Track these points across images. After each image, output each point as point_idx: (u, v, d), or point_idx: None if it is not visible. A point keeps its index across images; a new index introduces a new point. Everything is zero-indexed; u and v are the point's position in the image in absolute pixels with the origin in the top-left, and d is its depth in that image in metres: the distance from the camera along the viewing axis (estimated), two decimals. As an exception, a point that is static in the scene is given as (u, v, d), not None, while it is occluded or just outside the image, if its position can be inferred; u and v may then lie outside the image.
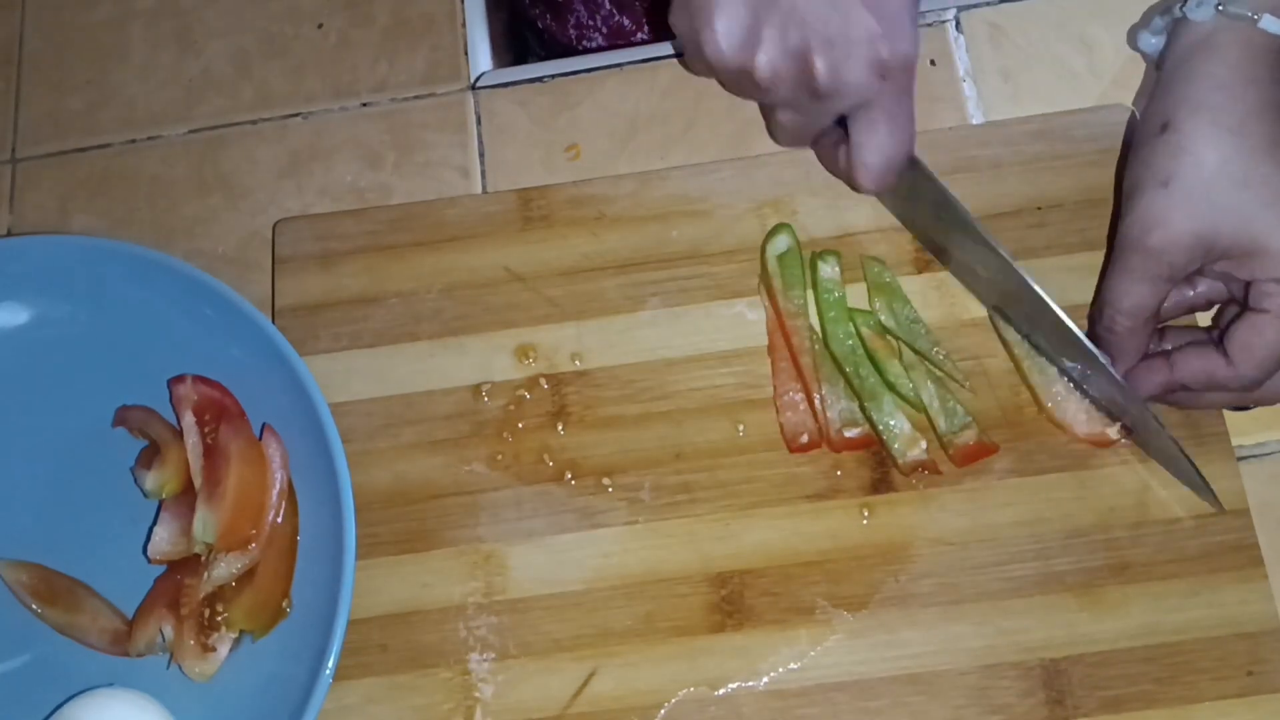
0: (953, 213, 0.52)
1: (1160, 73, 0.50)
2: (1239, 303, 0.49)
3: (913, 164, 0.53)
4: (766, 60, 0.49)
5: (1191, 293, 0.51)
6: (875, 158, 0.51)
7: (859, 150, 0.51)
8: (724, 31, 0.49)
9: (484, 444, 0.55)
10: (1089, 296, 0.55)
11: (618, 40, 0.71)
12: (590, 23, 0.72)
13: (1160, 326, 0.52)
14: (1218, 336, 0.49)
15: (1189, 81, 0.47)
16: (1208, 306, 0.52)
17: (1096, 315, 0.51)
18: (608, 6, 0.72)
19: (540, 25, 0.74)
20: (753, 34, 0.49)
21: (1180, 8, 0.48)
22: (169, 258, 0.56)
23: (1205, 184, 0.46)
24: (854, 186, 0.53)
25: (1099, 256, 0.55)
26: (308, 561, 0.53)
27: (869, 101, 0.50)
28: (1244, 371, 0.48)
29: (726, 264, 0.57)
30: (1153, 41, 0.52)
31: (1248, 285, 0.48)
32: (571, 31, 0.72)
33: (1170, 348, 0.51)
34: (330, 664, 0.49)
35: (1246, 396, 0.50)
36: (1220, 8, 0.46)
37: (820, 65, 0.48)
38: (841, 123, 0.53)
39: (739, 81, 0.51)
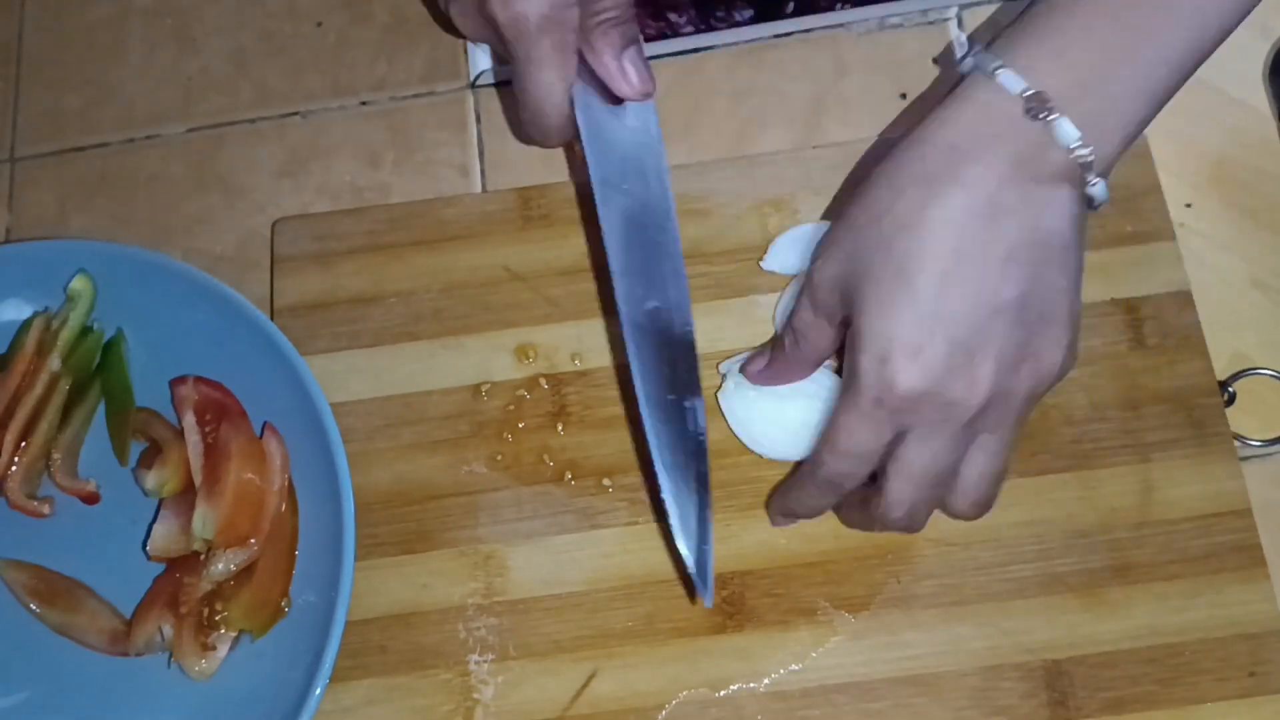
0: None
1: None
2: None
3: None
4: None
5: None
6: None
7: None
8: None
9: (484, 444, 0.55)
10: (1090, 296, 0.54)
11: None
12: None
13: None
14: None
15: (924, 124, 0.44)
16: None
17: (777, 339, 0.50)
18: None
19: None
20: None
21: (958, 61, 0.46)
22: (169, 258, 0.56)
23: (858, 230, 0.43)
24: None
25: (1101, 256, 0.55)
26: (307, 561, 0.53)
27: None
28: (824, 469, 0.45)
29: (727, 263, 0.57)
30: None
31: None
32: None
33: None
34: (329, 665, 0.49)
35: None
36: (974, 57, 0.43)
37: None
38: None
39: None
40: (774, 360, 0.51)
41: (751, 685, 0.51)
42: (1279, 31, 0.60)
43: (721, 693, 0.51)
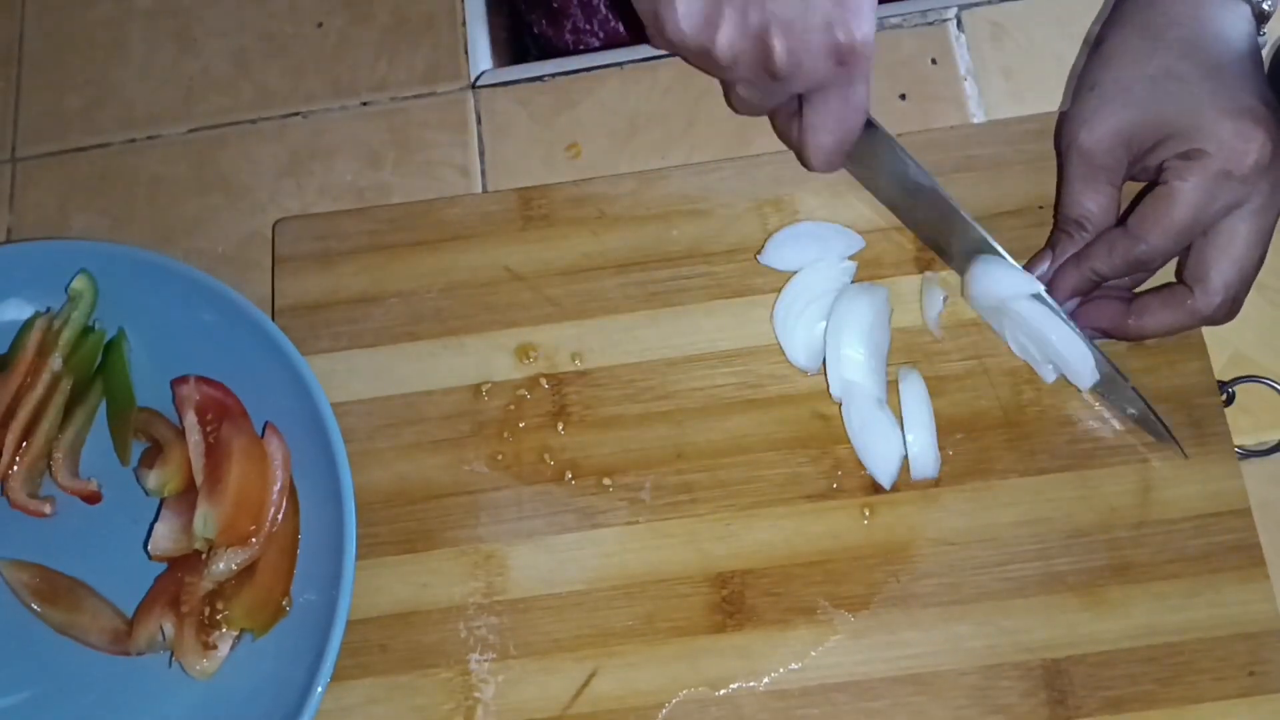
0: (910, 172, 0.53)
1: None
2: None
3: (869, 126, 0.54)
4: (726, 41, 0.50)
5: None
6: (825, 139, 0.53)
7: (811, 131, 0.53)
8: (684, 12, 0.50)
9: (484, 444, 0.55)
10: (1090, 296, 0.55)
11: (614, 46, 0.70)
12: (587, 27, 0.72)
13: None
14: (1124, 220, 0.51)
15: (1125, 3, 0.52)
16: None
17: (1055, 230, 0.53)
18: (604, 11, 0.72)
19: (536, 30, 0.73)
20: (713, 14, 0.50)
21: None
22: (170, 259, 0.56)
23: (1124, 86, 0.50)
24: (803, 162, 0.55)
25: (1100, 256, 0.55)
26: (308, 561, 0.53)
27: (824, 85, 0.51)
28: (1152, 242, 0.49)
29: (727, 263, 0.57)
30: None
31: (1159, 170, 0.50)
32: (568, 37, 0.72)
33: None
34: (330, 664, 0.49)
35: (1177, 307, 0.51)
36: None
37: (778, 48, 0.49)
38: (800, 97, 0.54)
39: (699, 59, 0.52)
40: (1064, 248, 0.52)
41: (751, 684, 0.51)
42: (1278, 32, 0.60)
43: (721, 691, 0.51)
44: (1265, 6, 0.51)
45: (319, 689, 0.49)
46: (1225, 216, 0.49)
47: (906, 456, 0.53)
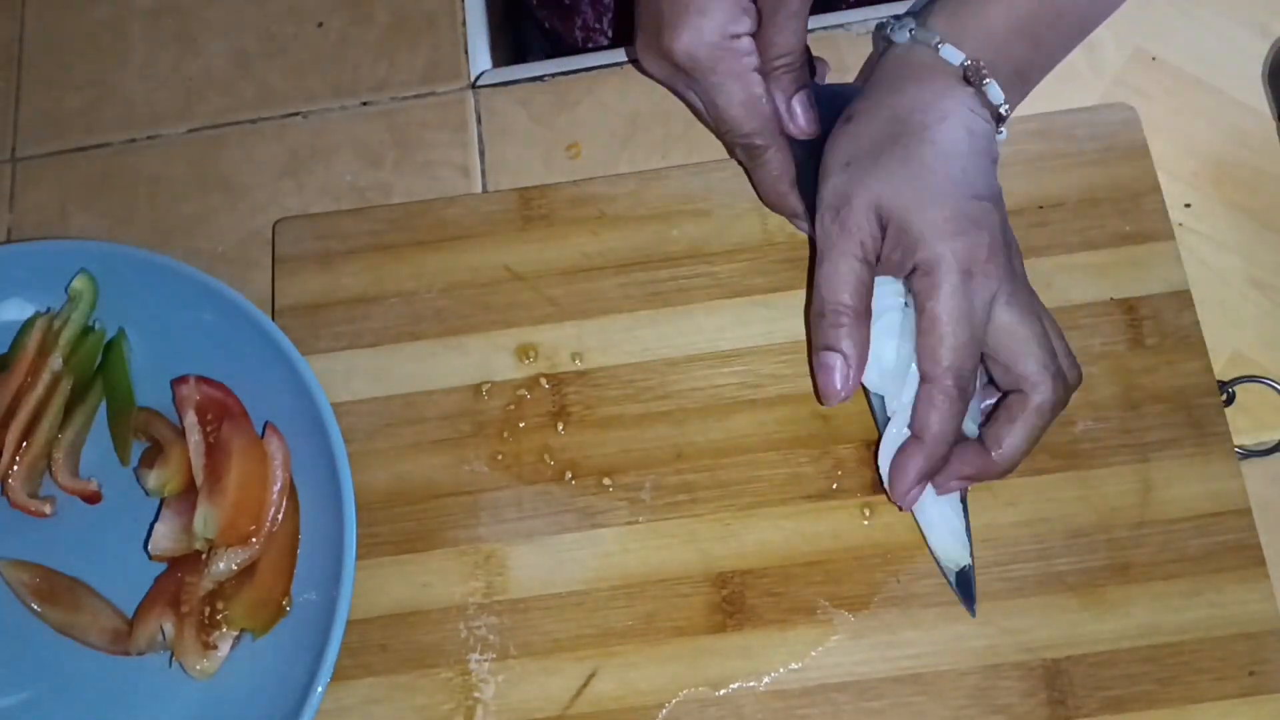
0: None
1: (868, 77, 0.55)
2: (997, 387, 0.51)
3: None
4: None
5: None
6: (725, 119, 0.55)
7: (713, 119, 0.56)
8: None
9: (484, 444, 0.55)
10: (1089, 296, 0.55)
11: (623, 42, 0.70)
12: (597, 25, 0.72)
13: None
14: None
15: (877, 83, 0.53)
16: None
17: (813, 309, 0.51)
18: (614, 8, 0.72)
19: (547, 26, 0.73)
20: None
21: (888, 30, 0.54)
22: (170, 259, 0.56)
23: (875, 164, 0.50)
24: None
25: (1100, 255, 0.55)
26: (308, 561, 0.53)
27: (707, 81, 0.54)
28: (945, 364, 0.48)
29: (727, 263, 0.57)
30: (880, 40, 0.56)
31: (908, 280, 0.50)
32: (578, 33, 0.72)
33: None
34: (330, 663, 0.49)
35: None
36: (912, 32, 0.53)
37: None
38: None
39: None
40: (838, 341, 0.50)
41: (751, 684, 0.51)
42: (1279, 32, 0.60)
43: (721, 691, 0.51)
44: (1002, 110, 0.52)
45: (319, 689, 0.49)
46: (993, 313, 0.49)
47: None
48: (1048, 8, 0.53)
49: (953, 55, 0.52)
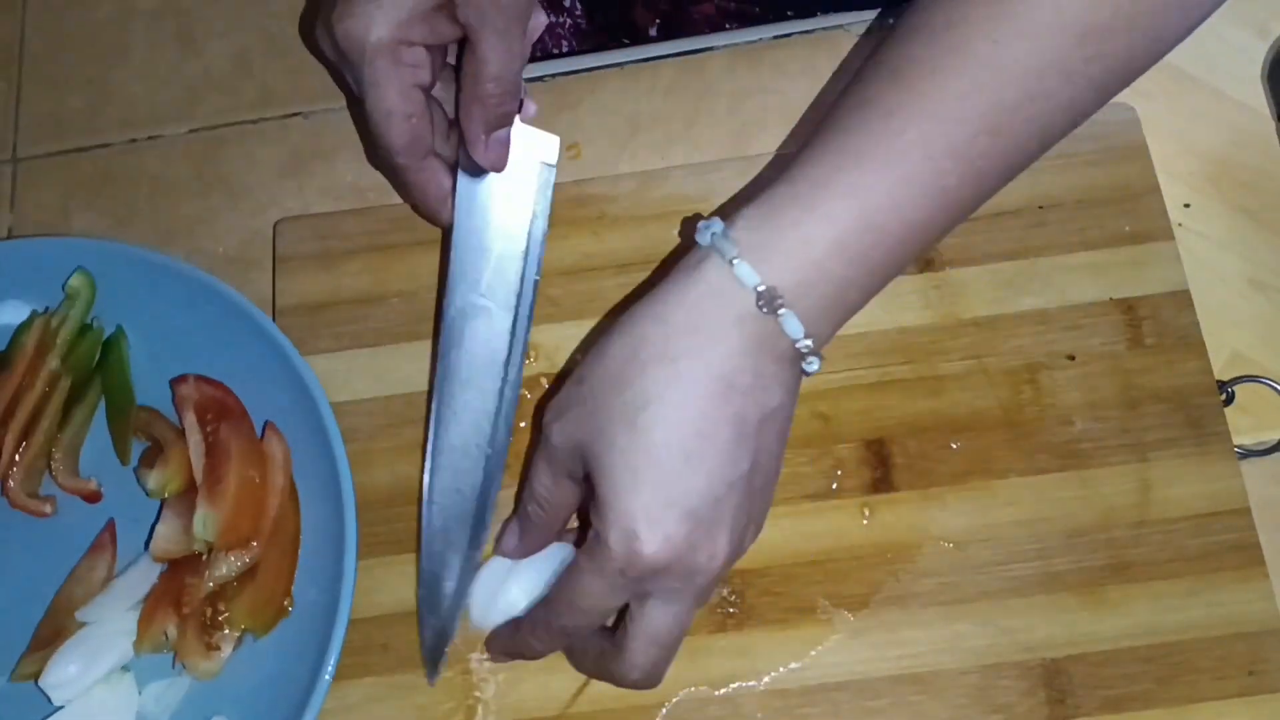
0: None
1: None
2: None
3: None
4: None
5: None
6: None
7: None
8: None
9: (485, 443, 0.55)
10: (1088, 296, 0.55)
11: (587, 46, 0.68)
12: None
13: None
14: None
15: (660, 290, 0.45)
16: None
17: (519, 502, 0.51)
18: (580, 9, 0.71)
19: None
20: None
21: (700, 223, 0.45)
22: (170, 258, 0.56)
23: (597, 400, 0.44)
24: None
25: (1100, 255, 0.55)
26: (309, 560, 0.53)
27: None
28: (559, 621, 0.47)
29: (727, 263, 0.57)
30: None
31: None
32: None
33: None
34: (332, 663, 0.49)
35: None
36: (714, 236, 0.44)
37: None
38: None
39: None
40: (524, 531, 0.50)
41: (751, 683, 0.51)
42: (1278, 32, 0.60)
43: (721, 690, 0.51)
44: (800, 347, 0.44)
45: (321, 688, 0.49)
46: (637, 602, 0.45)
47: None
48: (871, 226, 0.43)
49: (748, 276, 0.43)
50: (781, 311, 0.43)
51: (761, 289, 0.43)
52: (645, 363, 0.44)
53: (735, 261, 0.43)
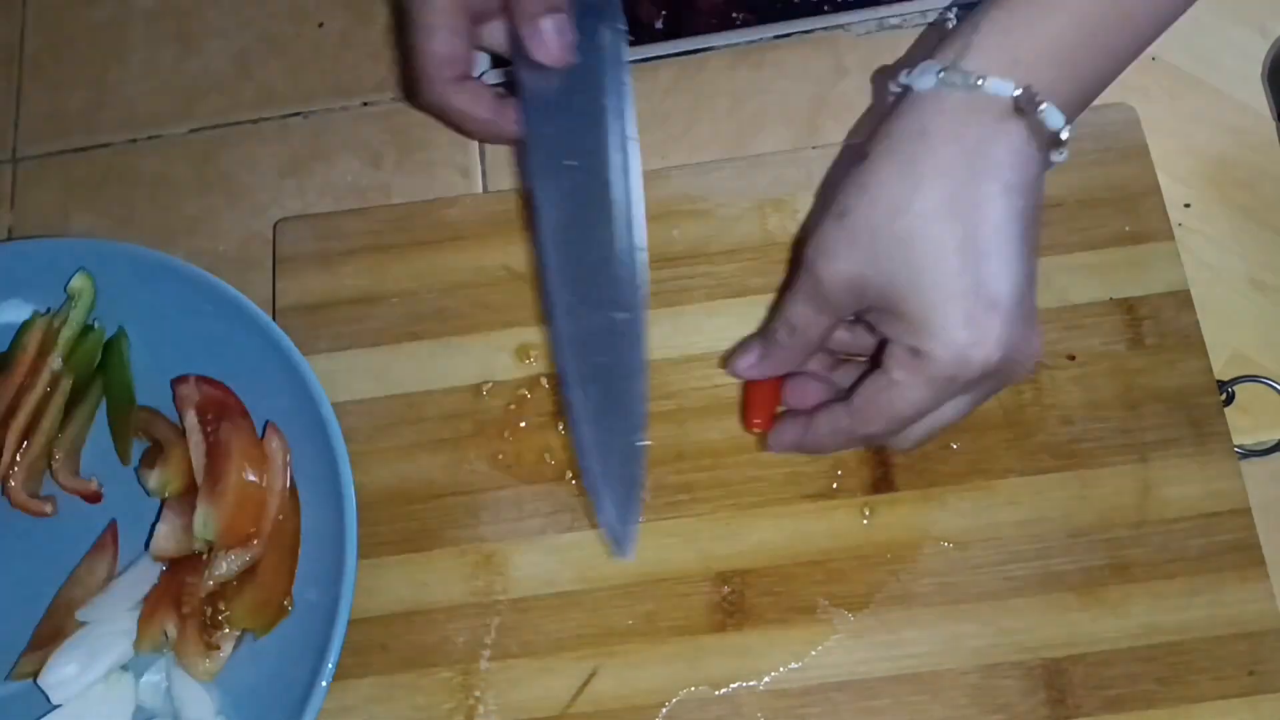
0: None
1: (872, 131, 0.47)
2: (874, 360, 0.47)
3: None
4: None
5: (850, 337, 0.51)
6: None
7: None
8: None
9: (485, 443, 0.55)
10: (1089, 296, 0.55)
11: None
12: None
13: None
14: (847, 393, 0.48)
15: (899, 121, 0.45)
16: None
17: (767, 322, 0.50)
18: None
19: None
20: None
21: (905, 76, 0.46)
22: (171, 258, 0.56)
23: (873, 229, 0.44)
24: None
25: (1100, 256, 0.55)
26: (309, 560, 0.53)
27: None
28: (872, 430, 0.47)
29: (727, 263, 0.57)
30: (893, 89, 0.47)
31: (882, 343, 0.46)
32: None
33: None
34: (331, 663, 0.49)
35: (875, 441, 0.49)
36: (941, 74, 0.44)
37: None
38: None
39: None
40: (767, 354, 0.50)
41: (751, 683, 0.51)
42: (1278, 32, 0.60)
43: (721, 691, 0.51)
44: (1063, 135, 0.44)
45: (321, 688, 0.49)
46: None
47: None
48: (1117, 9, 0.45)
49: (1001, 88, 0.44)
50: (1042, 106, 0.44)
51: (1019, 93, 0.44)
52: (919, 179, 0.44)
53: (982, 81, 0.44)
